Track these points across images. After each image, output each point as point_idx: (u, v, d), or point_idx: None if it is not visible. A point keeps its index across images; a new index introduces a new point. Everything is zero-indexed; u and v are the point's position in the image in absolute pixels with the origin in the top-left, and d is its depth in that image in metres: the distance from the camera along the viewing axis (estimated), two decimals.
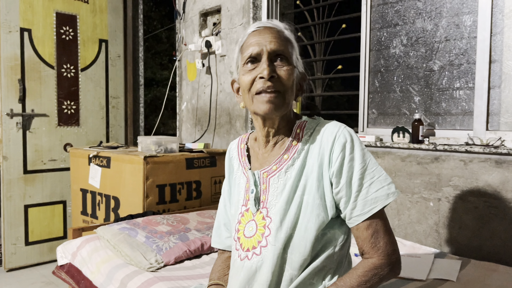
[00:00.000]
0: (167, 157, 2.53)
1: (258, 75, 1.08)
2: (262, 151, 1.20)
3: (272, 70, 1.07)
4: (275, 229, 1.09)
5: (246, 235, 1.16)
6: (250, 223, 1.16)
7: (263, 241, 1.11)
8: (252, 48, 1.09)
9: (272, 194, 1.13)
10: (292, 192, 1.10)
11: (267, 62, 1.08)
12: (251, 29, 1.13)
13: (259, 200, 1.16)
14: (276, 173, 1.14)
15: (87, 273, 1.86)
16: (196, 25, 3.37)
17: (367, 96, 2.44)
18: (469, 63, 2.06)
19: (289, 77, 1.09)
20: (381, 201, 1.04)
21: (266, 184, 1.15)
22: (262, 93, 1.08)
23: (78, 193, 2.92)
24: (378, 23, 2.40)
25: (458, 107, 2.11)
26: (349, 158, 1.06)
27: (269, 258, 1.09)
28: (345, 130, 1.09)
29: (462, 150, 1.93)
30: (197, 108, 3.44)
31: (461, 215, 1.97)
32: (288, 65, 1.10)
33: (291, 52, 1.12)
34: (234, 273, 1.17)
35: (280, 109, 1.10)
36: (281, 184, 1.12)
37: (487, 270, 1.75)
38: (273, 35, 1.10)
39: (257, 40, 1.09)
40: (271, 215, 1.12)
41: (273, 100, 1.07)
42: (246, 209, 1.19)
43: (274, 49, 1.08)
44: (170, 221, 2.11)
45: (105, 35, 3.95)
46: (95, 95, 3.86)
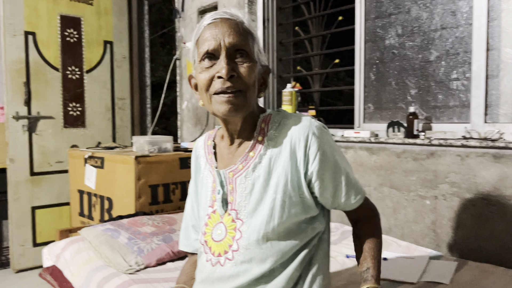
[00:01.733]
0: (159, 156, 2.50)
1: (216, 74, 0.99)
2: (227, 150, 1.13)
3: (231, 69, 0.98)
4: (248, 231, 1.03)
5: (214, 239, 1.09)
6: (218, 225, 1.09)
7: (234, 244, 1.05)
8: (209, 44, 0.99)
9: (240, 195, 1.06)
10: (263, 191, 1.03)
11: (225, 60, 0.98)
12: (207, 21, 1.03)
13: (226, 201, 1.09)
14: (243, 172, 1.06)
15: (68, 276, 1.84)
16: (195, 23, 3.33)
17: (363, 90, 2.33)
18: (466, 52, 1.93)
19: (251, 75, 1.01)
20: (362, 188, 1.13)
21: (233, 184, 1.08)
22: (221, 93, 0.99)
23: (76, 194, 2.92)
24: (373, 13, 2.29)
25: (456, 99, 1.99)
26: (328, 154, 1.02)
27: (245, 262, 1.03)
28: (317, 124, 1.03)
29: (458, 144, 1.81)
30: (197, 107, 3.39)
31: (459, 214, 1.85)
32: (249, 61, 1.01)
33: (252, 45, 1.03)
34: (204, 278, 1.10)
35: (241, 110, 1.02)
36: (249, 184, 1.05)
37: (483, 272, 1.63)
38: (232, 28, 1.00)
39: (213, 34, 0.99)
40: (241, 217, 1.05)
41: (233, 101, 0.99)
42: (213, 211, 1.12)
43: (233, 43, 0.99)
44: (156, 222, 2.07)
45: (110, 37, 3.96)
46: (100, 96, 3.87)
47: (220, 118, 1.07)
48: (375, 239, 1.13)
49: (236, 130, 1.09)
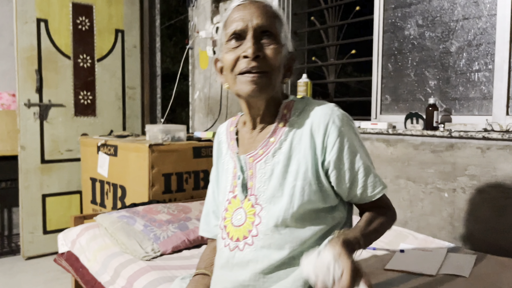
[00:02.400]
0: (173, 145, 2.49)
1: (242, 54, 1.00)
2: (249, 135, 1.13)
3: (257, 49, 0.99)
4: (267, 217, 1.02)
5: (234, 224, 1.09)
6: (238, 211, 1.09)
7: (254, 230, 1.04)
8: (236, 24, 1.01)
9: (260, 180, 1.06)
10: (282, 177, 1.03)
11: (252, 40, 0.99)
12: (236, 3, 1.04)
13: (246, 186, 1.08)
14: (263, 157, 1.06)
15: (84, 261, 1.84)
16: (208, 12, 3.30)
17: (380, 81, 2.31)
18: (489, 43, 1.90)
19: (276, 57, 1.01)
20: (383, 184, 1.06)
21: (253, 170, 1.07)
22: (245, 73, 1.00)
23: (88, 182, 2.92)
24: (392, 3, 2.26)
25: (477, 91, 1.96)
26: (348, 144, 1.00)
27: (264, 248, 1.02)
28: (339, 112, 1.02)
29: (479, 136, 1.78)
30: (209, 97, 3.38)
31: (477, 207, 1.83)
32: (276, 43, 1.02)
33: (279, 29, 1.03)
34: (224, 264, 1.10)
35: (265, 91, 1.02)
36: (269, 169, 1.05)
37: (502, 266, 1.61)
38: (259, 10, 1.01)
39: (241, 15, 1.01)
40: (260, 202, 1.04)
41: (258, 81, 0.99)
42: (234, 196, 1.12)
43: (260, 24, 1.00)
44: (171, 210, 2.06)
45: (121, 25, 3.94)
46: (111, 85, 3.86)
47: (243, 100, 1.07)
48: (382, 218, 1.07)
49: (259, 114, 1.08)
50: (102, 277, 1.70)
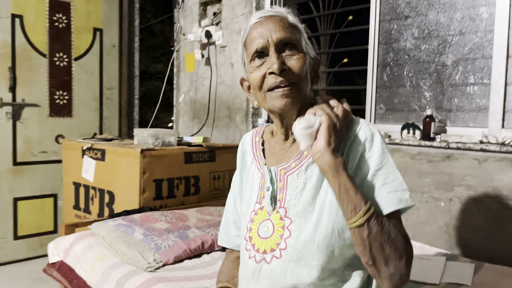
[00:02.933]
0: (164, 150, 2.42)
1: (268, 71, 1.00)
2: (280, 147, 1.11)
3: (282, 63, 0.99)
4: (297, 231, 1.00)
5: (261, 236, 1.07)
6: (265, 222, 1.07)
7: (282, 243, 1.02)
8: (257, 42, 1.01)
9: (291, 193, 1.04)
10: (315, 192, 1.01)
11: (275, 55, 0.99)
12: (252, 21, 1.04)
13: (275, 198, 1.06)
14: (295, 170, 1.04)
15: (80, 272, 1.76)
16: (196, 15, 3.25)
17: (375, 91, 2.35)
18: (485, 58, 1.98)
19: (302, 66, 1.01)
20: (392, 204, 0.95)
21: (284, 182, 1.06)
22: (274, 89, 1.00)
23: (70, 186, 2.80)
24: (388, 15, 2.30)
25: (472, 103, 2.03)
26: (367, 156, 0.99)
27: (292, 262, 1.00)
28: (367, 128, 1.02)
29: (477, 148, 1.85)
30: (195, 100, 3.32)
31: (474, 216, 1.89)
32: (299, 53, 1.02)
33: (299, 38, 1.03)
34: (249, 276, 1.07)
35: (297, 102, 1.02)
36: (301, 182, 1.03)
37: (501, 275, 1.67)
38: (277, 24, 1.01)
39: (260, 33, 1.01)
40: (290, 215, 1.03)
41: (288, 94, 1.00)
42: (261, 207, 1.09)
43: (280, 38, 1.00)
44: (168, 218, 2.01)
45: (100, 24, 3.81)
46: (88, 85, 3.73)
47: (275, 114, 1.07)
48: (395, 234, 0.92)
49: (291, 124, 1.07)
50: None
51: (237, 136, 3.00)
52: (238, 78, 2.97)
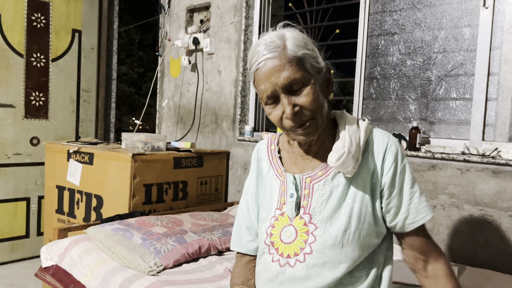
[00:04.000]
0: (155, 155, 2.43)
1: (284, 116, 1.03)
2: (302, 156, 1.15)
3: (293, 106, 1.01)
4: (323, 236, 1.06)
5: (284, 241, 1.11)
6: (287, 228, 1.11)
7: (307, 248, 1.07)
8: (264, 87, 1.02)
9: (316, 200, 1.09)
10: (342, 199, 1.07)
11: (286, 100, 1.01)
12: (256, 61, 1.04)
13: (299, 205, 1.11)
14: (322, 179, 1.09)
15: (78, 276, 1.73)
16: (182, 21, 3.27)
17: (362, 102, 2.46)
18: (467, 75, 2.12)
19: (313, 99, 1.02)
20: (429, 211, 1.09)
21: (309, 190, 1.10)
22: (293, 129, 1.04)
23: (53, 190, 2.73)
24: (376, 31, 2.42)
25: (455, 117, 2.17)
26: (400, 168, 1.07)
27: (316, 266, 1.05)
28: (395, 140, 1.09)
29: (460, 159, 1.98)
30: (179, 105, 3.33)
31: (456, 223, 2.02)
32: (306, 86, 1.02)
33: (303, 69, 1.02)
34: (272, 278, 1.12)
35: (317, 132, 1.06)
36: (327, 190, 1.08)
37: (483, 278, 1.80)
38: (279, 66, 1.00)
39: (265, 77, 1.02)
40: (315, 221, 1.08)
41: (307, 130, 1.04)
42: (281, 213, 1.13)
43: (284, 83, 1.00)
44: (164, 223, 2.01)
45: (79, 25, 3.75)
46: (66, 87, 3.65)
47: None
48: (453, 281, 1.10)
49: (314, 140, 1.12)
50: None
51: (223, 142, 3.03)
52: (225, 85, 3.02)
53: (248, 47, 2.91)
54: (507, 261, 1.88)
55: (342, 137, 1.07)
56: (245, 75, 2.92)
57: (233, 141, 2.97)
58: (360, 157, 1.06)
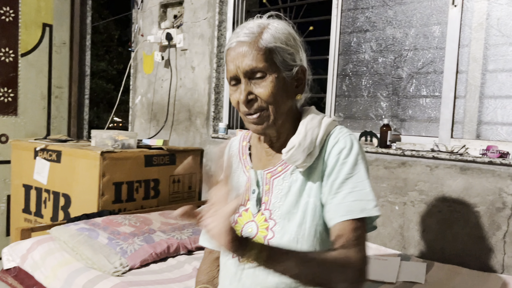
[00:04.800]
0: (125, 153, 2.38)
1: (239, 100, 1.04)
2: (267, 151, 1.15)
3: (248, 93, 1.02)
4: (281, 232, 1.05)
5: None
6: (250, 224, 1.11)
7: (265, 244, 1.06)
8: (230, 67, 1.04)
9: (276, 196, 1.08)
10: (299, 194, 1.06)
11: (244, 85, 1.02)
12: (229, 42, 1.05)
13: (260, 201, 1.10)
14: (281, 174, 1.09)
15: (40, 278, 1.68)
16: (156, 16, 3.22)
17: (334, 100, 2.45)
18: (436, 73, 2.14)
19: (270, 92, 1.01)
20: (353, 213, 0.98)
21: (270, 185, 1.10)
22: (247, 115, 1.04)
23: (19, 189, 2.65)
24: (348, 28, 2.42)
25: (424, 114, 2.18)
26: (340, 163, 1.03)
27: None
28: (347, 137, 1.05)
29: (429, 156, 1.99)
30: (153, 102, 3.28)
31: (425, 219, 2.03)
32: (267, 78, 1.02)
33: (270, 61, 1.02)
34: (231, 275, 1.10)
35: (270, 126, 1.05)
36: (286, 186, 1.08)
37: (451, 273, 1.82)
38: (245, 51, 1.01)
39: (232, 58, 1.03)
40: (274, 217, 1.07)
41: (258, 121, 1.04)
42: (245, 209, 1.13)
43: (246, 68, 1.01)
44: (132, 222, 1.97)
45: (50, 19, 3.65)
46: (36, 83, 3.55)
47: None
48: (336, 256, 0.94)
49: (275, 137, 1.11)
50: None
51: (197, 139, 3.00)
52: (199, 82, 2.98)
53: (222, 43, 2.88)
54: (473, 257, 1.91)
55: (298, 131, 1.06)
56: (219, 72, 2.89)
57: (207, 139, 2.94)
58: (317, 153, 1.05)
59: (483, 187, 1.87)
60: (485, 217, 1.87)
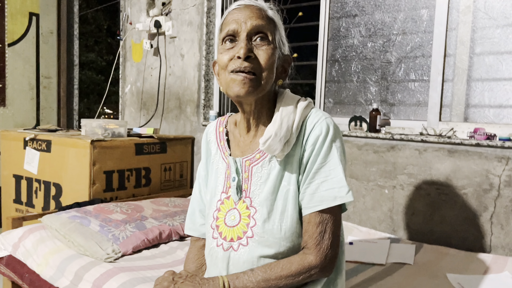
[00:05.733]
0: (115, 141, 2.37)
1: (236, 54, 1.02)
2: (244, 138, 1.14)
3: (249, 50, 1.01)
4: (262, 220, 1.05)
5: (228, 224, 1.10)
6: (232, 211, 1.10)
7: (249, 231, 1.06)
8: (230, 26, 1.03)
9: (255, 183, 1.08)
10: (278, 182, 1.06)
11: (245, 41, 1.02)
12: (232, 7, 1.08)
13: (241, 188, 1.10)
14: (260, 161, 1.08)
15: (32, 266, 1.69)
16: (144, 4, 3.18)
17: (324, 85, 2.46)
18: (424, 57, 2.15)
19: (269, 58, 1.03)
20: (327, 201, 1.00)
21: (248, 173, 1.09)
22: (238, 72, 1.02)
23: (10, 179, 2.64)
24: (337, 13, 2.42)
25: (413, 98, 2.20)
26: (316, 152, 1.03)
27: (258, 249, 1.04)
28: (324, 122, 1.04)
29: (418, 139, 2.01)
30: (142, 91, 3.26)
31: (414, 201, 2.06)
32: (269, 44, 1.04)
33: (272, 31, 1.05)
34: (218, 263, 1.10)
35: (254, 92, 1.03)
36: (265, 173, 1.07)
37: (439, 254, 1.85)
38: (254, 12, 1.04)
39: (236, 17, 1.04)
40: (255, 205, 1.07)
41: (247, 82, 1.01)
42: (227, 197, 1.12)
43: (253, 25, 1.02)
44: (124, 209, 1.98)
45: (36, 9, 3.61)
46: (24, 73, 3.52)
47: (234, 100, 1.09)
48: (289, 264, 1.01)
49: (253, 114, 1.10)
50: (59, 282, 1.58)
51: (188, 127, 3.00)
52: (188, 70, 2.97)
53: (211, 30, 2.87)
54: (461, 238, 1.94)
55: (274, 120, 1.06)
56: (208, 59, 2.88)
57: (197, 127, 2.94)
58: (294, 140, 1.04)
59: (471, 169, 1.89)
60: (472, 199, 1.90)
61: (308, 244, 1.01)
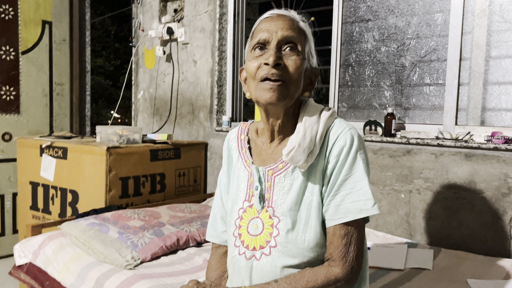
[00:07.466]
0: (130, 148, 2.39)
1: (264, 61, 1.03)
2: (267, 147, 1.14)
3: (278, 57, 1.02)
4: (285, 230, 1.05)
5: (250, 233, 1.10)
6: (255, 220, 1.10)
7: (272, 241, 1.06)
8: (261, 34, 1.04)
9: (277, 193, 1.08)
10: (301, 192, 1.06)
11: (274, 49, 1.03)
12: (264, 16, 1.09)
13: (263, 197, 1.10)
14: (282, 171, 1.08)
15: (53, 273, 1.70)
16: (156, 11, 3.21)
17: (338, 90, 2.46)
18: (439, 61, 2.14)
19: (297, 68, 1.03)
20: (352, 213, 1.00)
21: (271, 182, 1.09)
22: (266, 80, 1.03)
23: (26, 186, 2.67)
24: (350, 18, 2.42)
25: (428, 102, 2.19)
26: (340, 163, 1.03)
27: (281, 259, 1.04)
28: (348, 133, 1.04)
29: (434, 143, 2.00)
30: (155, 97, 3.28)
31: (431, 206, 2.05)
32: (297, 55, 1.04)
33: (302, 43, 1.06)
34: (242, 272, 1.11)
35: (283, 100, 1.04)
36: (288, 183, 1.07)
37: (458, 258, 1.84)
38: (285, 23, 1.05)
39: (267, 27, 1.05)
40: (277, 214, 1.07)
41: (276, 89, 1.02)
42: (250, 205, 1.12)
43: (284, 36, 1.03)
44: (141, 216, 1.99)
45: (49, 17, 3.65)
46: (37, 80, 3.56)
47: (263, 108, 1.09)
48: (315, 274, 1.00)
49: (278, 124, 1.10)
50: None
51: (201, 133, 3.01)
52: (201, 76, 2.98)
53: (223, 36, 2.88)
54: (480, 242, 1.93)
55: (297, 130, 1.06)
56: (221, 65, 2.89)
57: (210, 132, 2.95)
58: (317, 150, 1.04)
59: (489, 173, 1.88)
60: (490, 203, 1.89)
61: (333, 256, 1.01)
